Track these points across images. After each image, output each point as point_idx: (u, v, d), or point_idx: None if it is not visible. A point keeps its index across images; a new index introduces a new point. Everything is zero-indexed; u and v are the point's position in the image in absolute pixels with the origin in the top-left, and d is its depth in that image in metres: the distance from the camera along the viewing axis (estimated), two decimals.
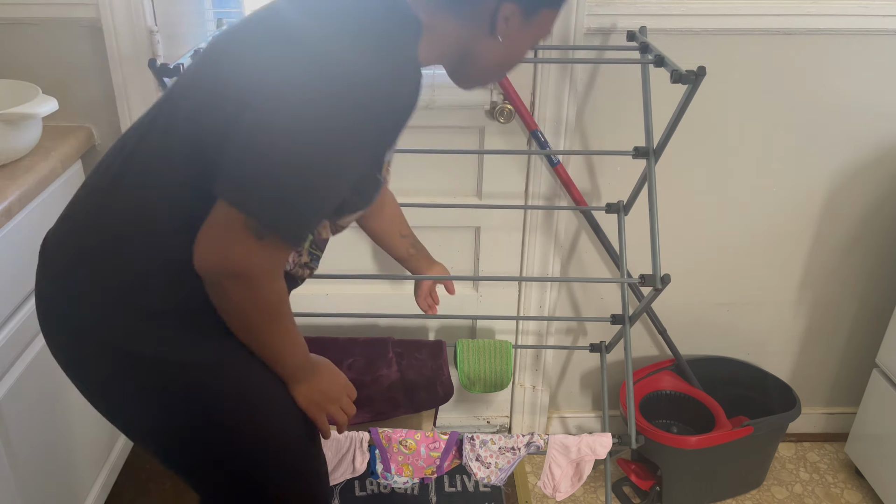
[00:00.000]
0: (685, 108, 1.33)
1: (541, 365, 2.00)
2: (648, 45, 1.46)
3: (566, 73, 1.65)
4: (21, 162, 1.43)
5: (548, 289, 1.89)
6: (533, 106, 1.69)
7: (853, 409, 2.01)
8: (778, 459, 2.05)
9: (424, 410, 1.75)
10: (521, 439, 1.50)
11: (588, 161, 1.76)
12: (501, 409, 2.11)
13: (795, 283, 1.93)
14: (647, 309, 1.61)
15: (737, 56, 1.65)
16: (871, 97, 1.70)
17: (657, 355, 2.01)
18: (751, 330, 1.99)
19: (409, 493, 1.89)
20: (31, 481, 1.41)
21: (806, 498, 1.94)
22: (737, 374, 1.97)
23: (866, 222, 1.85)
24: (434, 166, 1.76)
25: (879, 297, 1.95)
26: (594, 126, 1.72)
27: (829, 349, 2.03)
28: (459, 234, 1.86)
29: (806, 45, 1.64)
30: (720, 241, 1.86)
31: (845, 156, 1.77)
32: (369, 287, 1.91)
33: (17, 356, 1.35)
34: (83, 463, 1.63)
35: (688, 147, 1.73)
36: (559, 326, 1.97)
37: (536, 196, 1.78)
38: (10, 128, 1.36)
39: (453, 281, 1.63)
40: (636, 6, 1.58)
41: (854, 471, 1.99)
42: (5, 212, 1.29)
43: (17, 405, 1.35)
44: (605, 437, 1.51)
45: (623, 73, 1.65)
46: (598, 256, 1.87)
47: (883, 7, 1.60)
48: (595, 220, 1.77)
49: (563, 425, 2.12)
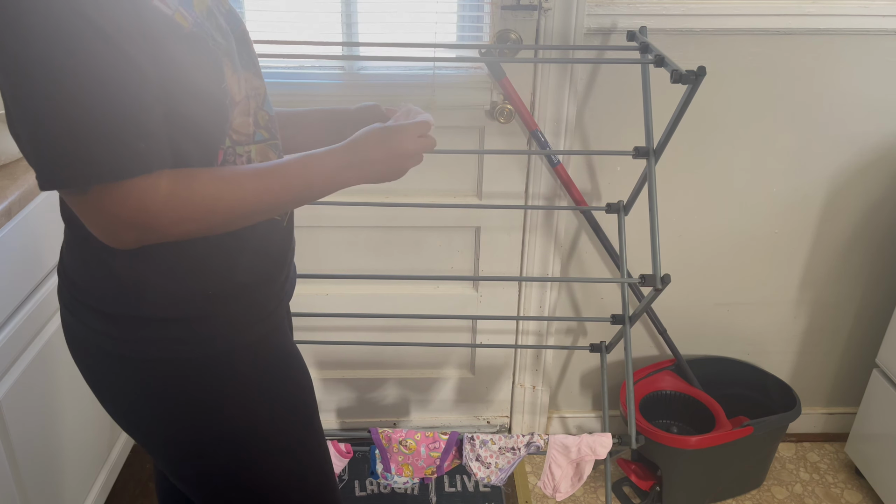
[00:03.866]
0: (685, 108, 1.33)
1: (541, 365, 2.00)
2: (648, 45, 1.46)
3: (566, 73, 1.65)
4: (21, 162, 1.42)
5: (548, 289, 1.89)
6: (533, 106, 1.69)
7: (853, 409, 2.01)
8: (778, 459, 2.05)
9: None
10: (522, 439, 1.50)
11: (588, 161, 1.76)
12: (501, 409, 2.11)
13: (795, 283, 1.93)
14: (647, 309, 1.61)
15: (737, 56, 1.65)
16: (871, 97, 1.70)
17: (657, 355, 2.01)
18: (751, 330, 1.99)
19: (409, 493, 1.89)
20: (31, 481, 1.41)
21: (806, 498, 1.94)
22: (737, 374, 1.97)
23: (866, 222, 1.85)
24: (434, 166, 1.76)
25: (879, 297, 1.95)
26: (594, 126, 1.72)
27: (829, 349, 2.03)
28: (459, 234, 1.86)
29: (806, 45, 1.64)
30: (720, 241, 1.87)
31: (845, 156, 1.77)
32: (369, 287, 1.91)
33: (17, 356, 1.35)
34: (83, 463, 1.63)
35: (688, 147, 1.73)
36: (559, 326, 1.98)
37: (536, 196, 1.78)
38: None
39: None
40: (636, 6, 1.58)
41: (854, 471, 1.99)
42: (5, 212, 1.28)
43: (17, 405, 1.35)
44: (606, 437, 1.51)
45: (623, 73, 1.65)
46: (598, 256, 1.87)
47: (883, 7, 1.60)
48: (595, 220, 1.77)
49: (563, 425, 2.11)
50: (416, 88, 1.68)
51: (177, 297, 0.93)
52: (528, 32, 1.63)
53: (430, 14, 1.64)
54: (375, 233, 1.84)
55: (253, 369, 1.02)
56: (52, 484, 1.50)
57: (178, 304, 0.93)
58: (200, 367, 0.97)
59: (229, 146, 0.89)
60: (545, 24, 1.60)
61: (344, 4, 1.63)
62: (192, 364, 0.97)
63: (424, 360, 2.03)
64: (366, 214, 1.78)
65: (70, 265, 0.97)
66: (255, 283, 0.99)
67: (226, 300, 0.96)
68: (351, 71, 1.69)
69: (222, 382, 0.99)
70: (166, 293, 0.92)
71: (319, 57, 1.59)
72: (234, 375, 1.00)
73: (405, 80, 1.68)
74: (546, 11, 1.59)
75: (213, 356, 0.97)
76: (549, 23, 1.60)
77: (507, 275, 1.90)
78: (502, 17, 1.62)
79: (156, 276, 0.91)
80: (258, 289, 0.99)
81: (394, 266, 1.88)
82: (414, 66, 1.68)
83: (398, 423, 2.11)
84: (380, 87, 1.69)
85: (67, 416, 1.55)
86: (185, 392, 0.98)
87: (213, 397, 1.00)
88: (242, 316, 0.98)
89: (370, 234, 1.84)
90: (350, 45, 1.68)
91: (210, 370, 0.98)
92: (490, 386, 2.07)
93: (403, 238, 1.85)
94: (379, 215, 1.79)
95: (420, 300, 1.92)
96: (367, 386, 2.05)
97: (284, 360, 1.08)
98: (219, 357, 0.98)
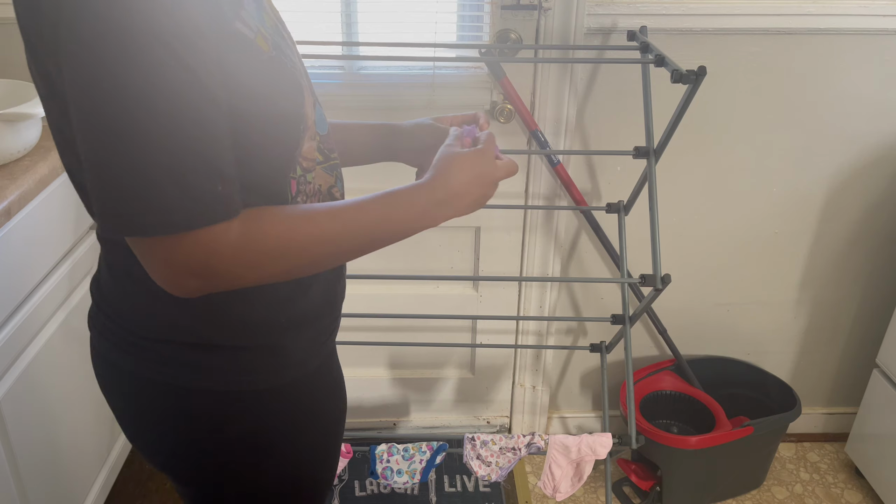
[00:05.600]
0: (685, 108, 1.33)
1: (541, 365, 2.00)
2: (649, 45, 1.46)
3: (566, 73, 1.65)
4: (21, 162, 1.42)
5: (548, 289, 1.89)
6: (533, 106, 1.69)
7: (853, 409, 2.01)
8: (778, 459, 2.05)
9: None
10: (522, 440, 1.50)
11: (588, 161, 1.76)
12: (501, 409, 2.11)
13: (795, 283, 1.93)
14: (647, 309, 1.61)
15: (737, 56, 1.65)
16: (872, 97, 1.70)
17: (657, 355, 2.01)
18: (751, 330, 1.99)
19: (409, 493, 1.89)
20: (31, 481, 1.41)
21: (806, 498, 1.94)
22: (737, 374, 1.97)
23: (866, 222, 1.85)
24: None
25: (879, 297, 1.95)
26: (594, 126, 1.72)
27: (829, 349, 2.03)
28: (459, 234, 1.86)
29: (806, 45, 1.64)
30: (720, 241, 1.86)
31: (845, 156, 1.77)
32: (369, 287, 1.91)
33: (17, 356, 1.35)
34: (83, 463, 1.63)
35: (688, 147, 1.73)
36: (559, 326, 1.97)
37: (536, 196, 1.78)
38: (9, 128, 1.36)
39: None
40: (636, 6, 1.58)
41: (854, 471, 1.99)
42: (5, 212, 1.28)
43: (17, 405, 1.35)
44: (606, 437, 1.51)
45: (623, 72, 1.65)
46: (599, 256, 1.87)
47: (883, 7, 1.60)
48: (595, 220, 1.77)
49: (563, 425, 2.11)
50: (416, 88, 1.68)
51: (249, 325, 0.86)
52: (528, 32, 1.63)
53: (430, 14, 1.64)
54: None
55: (311, 399, 0.96)
56: (52, 484, 1.49)
57: (249, 332, 0.86)
58: (262, 398, 0.91)
59: (300, 175, 0.82)
60: (545, 23, 1.60)
61: (344, 4, 1.63)
62: (255, 395, 0.90)
63: (424, 360, 2.03)
64: None
65: (110, 290, 0.88)
66: (323, 311, 0.94)
67: (297, 329, 0.90)
68: (351, 71, 1.69)
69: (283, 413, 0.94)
70: (240, 320, 0.86)
71: (319, 56, 1.59)
72: (297, 405, 0.95)
73: (405, 80, 1.68)
74: (546, 11, 1.59)
75: (278, 388, 0.92)
76: (549, 22, 1.60)
77: (507, 275, 1.90)
78: (502, 16, 1.62)
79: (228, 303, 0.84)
80: (324, 317, 0.95)
81: (394, 266, 1.88)
82: (414, 65, 1.68)
83: (398, 423, 2.11)
84: (380, 86, 1.69)
85: (67, 416, 1.54)
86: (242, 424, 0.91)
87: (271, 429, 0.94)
88: (310, 345, 0.93)
89: None
90: (350, 45, 1.68)
91: (272, 401, 0.92)
92: (490, 386, 2.07)
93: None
94: None
95: (420, 300, 1.92)
96: (366, 386, 2.04)
97: (338, 384, 1.04)
98: (283, 389, 0.92)
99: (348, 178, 1.41)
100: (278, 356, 0.89)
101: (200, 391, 0.88)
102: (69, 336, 1.52)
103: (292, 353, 0.91)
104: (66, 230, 1.52)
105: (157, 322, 0.85)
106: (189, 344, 0.85)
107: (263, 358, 0.88)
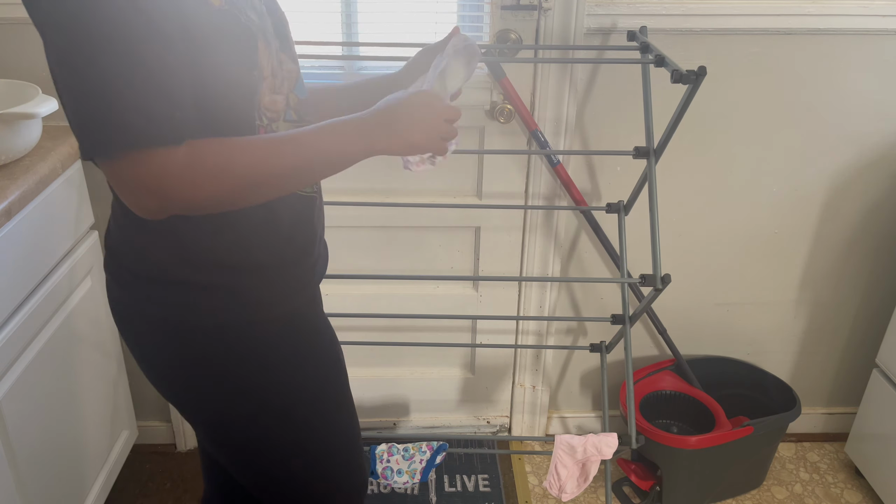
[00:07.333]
0: (685, 108, 1.33)
1: (541, 365, 2.00)
2: (649, 45, 1.46)
3: (566, 73, 1.65)
4: (21, 162, 1.42)
5: (548, 289, 1.89)
6: (533, 106, 1.69)
7: (853, 409, 2.01)
8: (778, 459, 2.05)
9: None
10: None
11: (588, 161, 1.76)
12: (501, 409, 2.11)
13: (795, 283, 1.93)
14: (647, 309, 1.61)
15: (737, 56, 1.65)
16: (872, 97, 1.70)
17: (657, 355, 2.01)
18: (751, 330, 1.99)
19: (409, 493, 1.89)
20: (31, 481, 1.41)
21: (806, 498, 1.94)
22: (737, 374, 1.97)
23: (866, 222, 1.85)
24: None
25: (879, 297, 1.95)
26: (594, 126, 1.72)
27: (829, 349, 2.03)
28: (459, 234, 1.86)
29: (806, 45, 1.64)
30: (720, 241, 1.87)
31: (845, 156, 1.77)
32: (369, 287, 1.91)
33: (17, 356, 1.35)
34: (83, 463, 1.63)
35: (688, 147, 1.73)
36: (559, 326, 1.97)
37: (536, 196, 1.78)
38: (10, 128, 1.36)
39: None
40: (636, 6, 1.58)
41: (854, 471, 1.99)
42: (5, 212, 1.28)
43: (18, 405, 1.35)
44: (611, 437, 1.51)
45: (623, 73, 1.65)
46: (598, 256, 1.87)
47: (883, 7, 1.60)
48: (595, 220, 1.77)
49: (564, 425, 2.12)
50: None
51: (224, 266, 0.97)
52: (528, 32, 1.63)
53: (430, 14, 1.64)
54: (375, 233, 1.84)
55: (292, 337, 1.07)
56: (52, 484, 1.49)
57: (224, 272, 0.98)
58: (241, 333, 1.02)
59: (266, 124, 0.92)
60: (545, 23, 1.60)
61: (344, 4, 1.63)
62: (234, 330, 1.01)
63: (424, 360, 2.03)
64: (366, 214, 1.78)
65: (117, 236, 1.01)
66: (293, 257, 1.04)
67: (269, 271, 1.01)
68: (351, 71, 1.69)
69: (265, 348, 1.05)
70: (215, 261, 0.97)
71: (319, 57, 1.59)
72: (277, 342, 1.06)
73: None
74: (546, 11, 1.59)
75: (255, 323, 1.02)
76: (549, 23, 1.60)
77: (506, 275, 1.90)
78: (502, 16, 1.62)
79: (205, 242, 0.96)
80: (297, 262, 1.05)
81: (394, 266, 1.88)
82: None
83: (398, 423, 2.11)
84: None
85: (67, 416, 1.54)
86: (223, 357, 1.03)
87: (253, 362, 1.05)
88: (282, 287, 1.03)
89: (370, 234, 1.84)
90: (350, 45, 1.68)
91: (251, 337, 1.03)
92: (490, 386, 2.07)
93: (403, 238, 1.85)
94: (379, 215, 1.79)
95: (420, 300, 1.92)
96: (366, 386, 2.04)
97: (320, 330, 1.15)
98: (260, 324, 1.03)
99: (348, 177, 1.42)
100: (252, 295, 1.00)
101: (187, 324, 1.00)
102: (69, 336, 1.53)
103: (266, 294, 1.01)
104: (66, 230, 1.52)
105: (145, 261, 0.98)
106: (175, 282, 0.97)
107: (238, 295, 0.99)
